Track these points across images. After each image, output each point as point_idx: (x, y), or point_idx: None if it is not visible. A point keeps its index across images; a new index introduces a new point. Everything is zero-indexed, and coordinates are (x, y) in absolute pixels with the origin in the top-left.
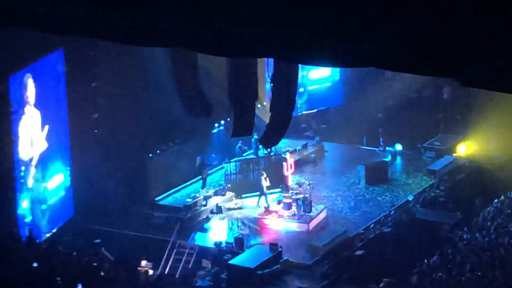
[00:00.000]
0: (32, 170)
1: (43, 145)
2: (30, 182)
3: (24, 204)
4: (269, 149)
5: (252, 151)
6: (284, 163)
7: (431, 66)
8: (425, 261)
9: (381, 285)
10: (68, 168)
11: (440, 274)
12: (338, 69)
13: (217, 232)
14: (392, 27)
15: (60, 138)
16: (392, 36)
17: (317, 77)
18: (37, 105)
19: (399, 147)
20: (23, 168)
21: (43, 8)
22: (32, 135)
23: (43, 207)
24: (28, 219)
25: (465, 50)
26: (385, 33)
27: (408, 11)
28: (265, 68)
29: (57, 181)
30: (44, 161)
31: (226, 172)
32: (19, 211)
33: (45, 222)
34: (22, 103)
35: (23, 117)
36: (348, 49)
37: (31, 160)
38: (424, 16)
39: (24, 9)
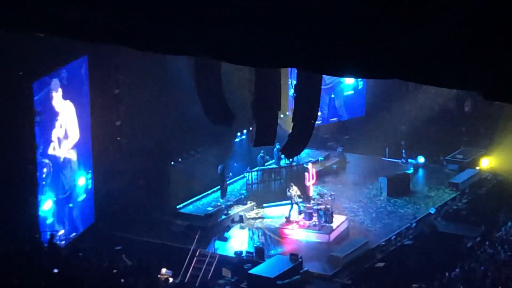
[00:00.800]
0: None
1: (75, 139)
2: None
3: (46, 206)
4: (291, 159)
5: (274, 160)
6: (306, 173)
7: (454, 79)
8: (446, 274)
9: None
10: (90, 171)
11: (461, 287)
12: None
13: (237, 241)
14: (415, 38)
15: (82, 144)
16: (416, 47)
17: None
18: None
19: (421, 159)
20: (45, 170)
21: (67, 14)
22: (61, 135)
23: (70, 205)
24: (49, 220)
25: (487, 62)
26: (409, 45)
27: (431, 22)
28: (289, 77)
29: (81, 182)
30: (71, 162)
31: (248, 182)
32: (40, 213)
33: (69, 222)
34: (50, 107)
35: (57, 122)
36: (372, 59)
37: (58, 159)
38: (447, 28)
39: (49, 15)
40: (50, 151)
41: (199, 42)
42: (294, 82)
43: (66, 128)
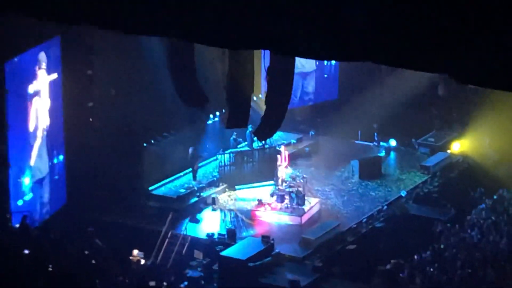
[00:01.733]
0: (36, 148)
1: (47, 122)
2: (33, 161)
3: (26, 181)
4: (263, 142)
5: (246, 143)
6: (278, 156)
7: (426, 62)
8: (416, 256)
9: (388, 266)
10: (61, 153)
11: (431, 269)
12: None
13: (209, 223)
14: (387, 21)
15: (55, 125)
16: (388, 30)
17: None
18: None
19: (393, 142)
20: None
21: None
22: (38, 114)
23: (42, 186)
24: (28, 196)
25: (459, 45)
26: (381, 27)
27: (403, 5)
28: (262, 60)
29: (52, 164)
30: (43, 144)
31: (220, 164)
32: (23, 188)
33: (40, 203)
34: (23, 83)
35: (34, 99)
36: (344, 42)
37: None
38: (419, 10)
39: None
40: (23, 132)
41: (171, 23)
42: (267, 65)
43: (38, 109)
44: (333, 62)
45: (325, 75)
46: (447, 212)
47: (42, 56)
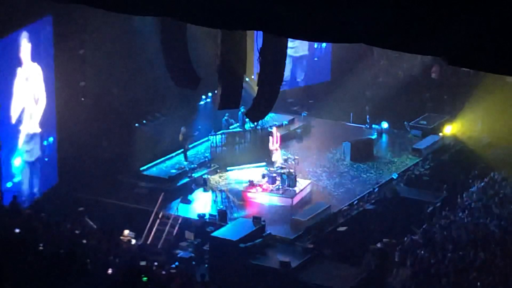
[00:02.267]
0: (26, 130)
1: (42, 106)
2: (21, 142)
3: (16, 163)
4: (255, 123)
5: (238, 124)
6: (270, 137)
7: (418, 44)
8: (406, 239)
9: (379, 245)
10: (53, 135)
11: (422, 252)
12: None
13: (201, 204)
14: (380, 3)
15: (47, 104)
16: (381, 12)
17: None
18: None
19: (385, 125)
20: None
21: None
22: (26, 96)
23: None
24: (17, 178)
25: (451, 28)
26: (374, 10)
27: None
28: (254, 41)
29: (43, 144)
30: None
31: (212, 144)
32: (13, 170)
33: (34, 182)
34: (12, 64)
35: (17, 79)
36: (337, 24)
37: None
38: None
39: None
40: (15, 113)
41: (164, 3)
42: (260, 46)
43: (35, 92)
44: (324, 45)
45: (315, 59)
46: (438, 195)
47: (25, 41)
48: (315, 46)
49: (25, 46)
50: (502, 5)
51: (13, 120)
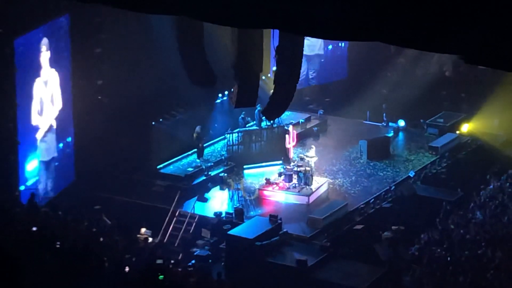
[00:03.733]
0: (43, 131)
1: (58, 106)
2: (39, 142)
3: (31, 166)
4: (272, 121)
5: (255, 122)
6: (287, 136)
7: (436, 43)
8: (423, 236)
9: (387, 233)
10: (71, 134)
11: (439, 250)
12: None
13: (217, 202)
14: (396, 1)
15: (64, 103)
16: (399, 10)
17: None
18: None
19: (402, 123)
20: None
21: None
22: (44, 97)
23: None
24: (32, 181)
25: (468, 27)
26: (392, 7)
27: None
28: (271, 39)
29: (61, 143)
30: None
31: (228, 143)
32: (26, 174)
33: (50, 181)
34: (33, 66)
35: (37, 79)
36: (354, 22)
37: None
38: None
39: None
40: (34, 114)
41: (182, 2)
42: (276, 44)
43: (52, 93)
44: (342, 43)
45: (322, 60)
46: (455, 193)
47: (45, 41)
48: (330, 44)
49: (44, 53)
50: None
51: (32, 121)
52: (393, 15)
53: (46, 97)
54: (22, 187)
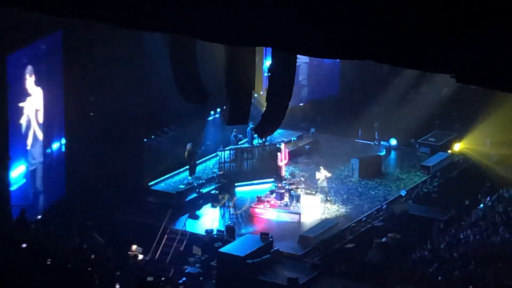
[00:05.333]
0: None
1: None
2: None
3: (17, 171)
4: (264, 139)
5: (247, 139)
6: (279, 153)
7: (428, 62)
8: (414, 256)
9: (384, 239)
10: (58, 142)
11: (430, 269)
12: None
13: (208, 220)
14: (388, 20)
15: (55, 118)
16: (389, 29)
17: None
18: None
19: (394, 141)
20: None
21: None
22: (30, 113)
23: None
24: (15, 186)
25: (460, 46)
26: (382, 27)
27: (403, 5)
28: (263, 57)
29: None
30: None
31: (220, 160)
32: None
33: (40, 188)
34: (22, 83)
35: (27, 98)
36: (347, 41)
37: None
38: (420, 10)
39: None
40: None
41: (173, 20)
42: (269, 62)
43: (37, 109)
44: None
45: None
46: (446, 212)
47: (34, 59)
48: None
49: (31, 70)
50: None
51: (21, 130)
52: (384, 35)
53: (33, 113)
54: (13, 188)
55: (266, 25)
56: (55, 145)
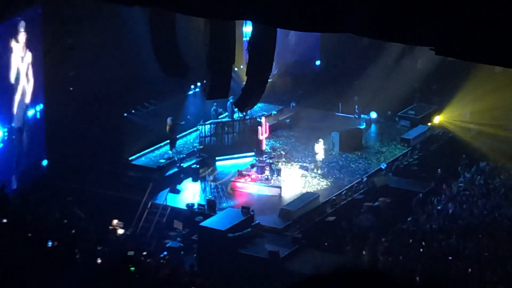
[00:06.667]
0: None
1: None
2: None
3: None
4: (244, 113)
5: (227, 113)
6: (259, 127)
7: (406, 34)
8: (394, 228)
9: (376, 203)
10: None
11: (410, 241)
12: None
13: (189, 194)
14: None
15: (35, 93)
16: (369, 2)
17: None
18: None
19: (374, 115)
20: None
21: None
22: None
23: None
24: None
25: (439, 18)
26: (361, 0)
27: None
28: (243, 30)
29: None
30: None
31: (201, 134)
32: None
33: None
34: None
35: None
36: (326, 13)
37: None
38: None
39: None
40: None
41: None
42: (249, 35)
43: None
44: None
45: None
46: (426, 185)
47: (13, 30)
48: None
49: (21, 34)
50: None
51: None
52: (364, 7)
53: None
54: None
55: None
56: (32, 113)
